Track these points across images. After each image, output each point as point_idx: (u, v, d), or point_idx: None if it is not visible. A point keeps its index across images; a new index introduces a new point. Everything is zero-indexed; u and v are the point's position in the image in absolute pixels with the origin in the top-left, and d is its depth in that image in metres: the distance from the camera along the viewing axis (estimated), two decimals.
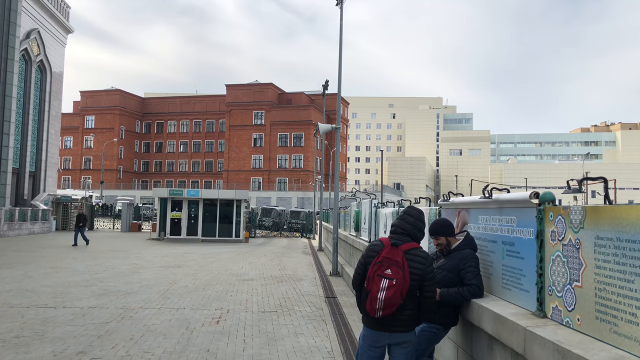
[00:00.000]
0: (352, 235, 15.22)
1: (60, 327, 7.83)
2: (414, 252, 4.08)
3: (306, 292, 11.86)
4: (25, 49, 37.23)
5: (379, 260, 4.05)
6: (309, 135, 79.23)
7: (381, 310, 3.94)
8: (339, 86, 17.09)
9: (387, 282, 3.93)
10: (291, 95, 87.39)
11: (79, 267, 15.62)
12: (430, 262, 4.12)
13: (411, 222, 4.24)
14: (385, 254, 4.06)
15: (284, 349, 6.97)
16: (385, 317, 3.98)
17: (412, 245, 4.11)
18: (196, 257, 19.54)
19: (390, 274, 3.96)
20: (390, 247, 4.09)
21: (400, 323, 4.04)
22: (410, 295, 4.02)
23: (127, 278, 13.42)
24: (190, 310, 9.38)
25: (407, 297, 3.99)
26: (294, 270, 16.39)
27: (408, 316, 4.04)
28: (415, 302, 4.07)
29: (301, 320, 8.84)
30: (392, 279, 3.93)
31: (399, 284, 3.91)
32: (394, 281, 3.92)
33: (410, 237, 4.17)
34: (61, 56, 43.78)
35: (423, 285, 4.06)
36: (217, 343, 7.20)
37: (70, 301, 9.96)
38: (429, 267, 4.06)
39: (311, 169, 78.53)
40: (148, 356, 6.49)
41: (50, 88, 41.33)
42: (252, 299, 10.75)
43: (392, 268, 3.97)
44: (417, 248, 4.12)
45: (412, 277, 3.98)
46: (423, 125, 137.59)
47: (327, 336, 7.73)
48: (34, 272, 14.04)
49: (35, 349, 6.64)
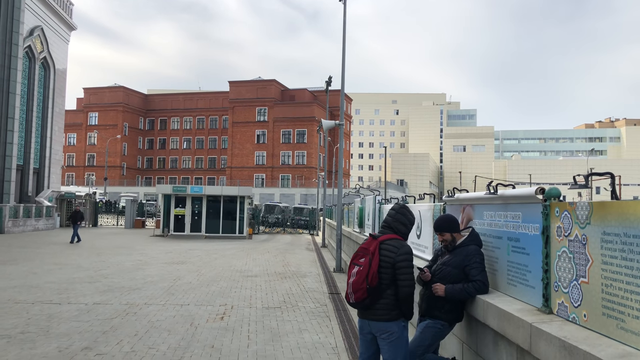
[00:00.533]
0: (356, 231, 15.22)
1: (65, 323, 7.85)
2: (388, 242, 4.35)
3: (310, 289, 11.86)
4: (29, 46, 37.27)
5: (357, 250, 4.44)
6: (312, 132, 79.16)
7: (352, 295, 4.30)
8: (342, 82, 17.06)
9: (356, 269, 4.30)
10: (294, 92, 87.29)
11: (83, 263, 15.67)
12: (403, 252, 4.29)
13: (392, 215, 4.53)
14: (364, 245, 4.43)
15: (288, 345, 6.97)
16: (361, 304, 4.29)
17: (390, 237, 4.38)
18: (200, 254, 19.58)
19: (361, 262, 4.30)
20: (371, 239, 4.41)
21: (377, 312, 4.27)
22: (385, 284, 4.26)
23: (131, 274, 13.45)
24: (194, 307, 9.40)
25: (381, 285, 4.25)
26: (297, 266, 16.40)
27: (385, 305, 4.24)
28: (393, 291, 4.27)
29: (305, 316, 8.84)
30: (360, 266, 4.28)
31: (364, 270, 4.23)
32: (361, 267, 4.27)
33: (392, 229, 4.44)
34: (64, 53, 43.83)
35: (396, 274, 4.25)
36: (221, 339, 7.21)
37: (75, 297, 10.00)
38: (400, 256, 4.25)
39: (314, 166, 78.48)
40: (153, 352, 6.50)
41: (54, 85, 41.39)
42: (256, 295, 10.77)
43: (365, 257, 4.29)
44: (393, 239, 4.36)
45: (381, 265, 4.24)
46: (427, 121, 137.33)
47: (332, 332, 7.73)
48: (38, 269, 14.09)
49: (41, 345, 6.67)
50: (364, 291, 4.21)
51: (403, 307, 4.29)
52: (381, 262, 4.25)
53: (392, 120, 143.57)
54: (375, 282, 4.20)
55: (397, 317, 4.27)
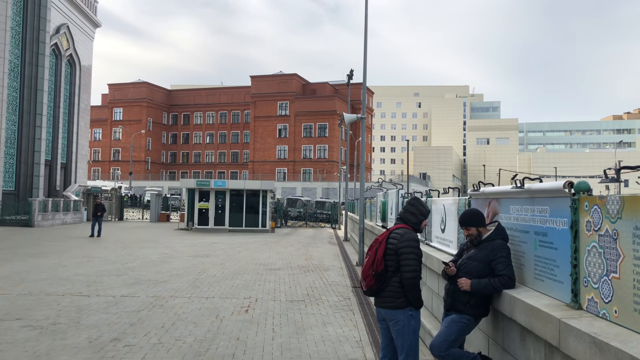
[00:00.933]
0: (379, 225, 15.20)
1: (95, 315, 8.03)
2: (396, 230, 4.55)
3: (333, 282, 11.90)
4: (55, 44, 37.98)
5: (372, 242, 4.66)
6: (334, 126, 79.06)
7: (363, 283, 4.54)
8: (364, 75, 16.97)
9: (366, 257, 4.55)
10: (315, 86, 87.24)
11: (110, 256, 15.98)
12: (406, 239, 4.45)
13: (404, 206, 4.78)
14: (378, 236, 4.65)
15: (312, 338, 7.02)
16: (371, 291, 4.51)
17: (399, 226, 4.58)
18: (224, 247, 19.78)
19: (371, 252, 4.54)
20: (385, 230, 4.66)
21: (385, 299, 4.47)
22: (391, 271, 4.45)
23: (157, 267, 13.67)
24: (219, 299, 9.52)
25: (387, 272, 4.45)
26: (320, 260, 16.46)
27: (391, 292, 4.43)
28: (399, 279, 4.43)
29: (329, 309, 8.88)
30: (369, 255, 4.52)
31: (371, 257, 4.48)
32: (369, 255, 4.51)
33: (403, 220, 4.64)
34: (89, 50, 44.56)
35: (399, 261, 4.41)
36: (246, 331, 7.29)
37: (103, 290, 10.21)
38: (402, 243, 4.42)
39: (336, 159, 78.44)
40: (179, 344, 6.61)
41: (80, 81, 42.14)
42: (279, 288, 10.85)
43: (376, 246, 4.53)
44: (400, 228, 4.56)
45: (387, 252, 4.45)
46: (449, 114, 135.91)
47: (355, 326, 7.76)
48: (67, 261, 14.42)
49: (71, 336, 6.84)
50: (371, 278, 4.43)
51: (408, 295, 4.42)
52: (386, 250, 4.46)
53: (414, 113, 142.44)
54: (380, 268, 4.40)
55: (403, 305, 4.42)
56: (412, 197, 4.85)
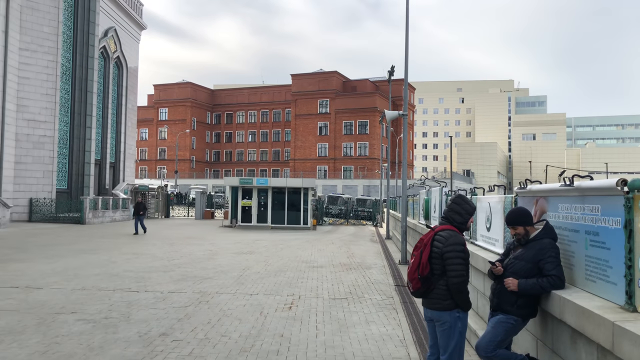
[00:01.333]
0: (422, 223, 15.05)
1: (144, 310, 8.29)
2: (440, 232, 4.49)
3: (376, 280, 11.87)
4: (104, 47, 39.30)
5: (417, 241, 4.63)
6: (375, 123, 78.67)
7: (410, 284, 4.56)
8: (406, 71, 16.79)
9: (412, 259, 4.56)
10: (356, 83, 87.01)
11: (157, 253, 16.44)
12: (451, 242, 4.38)
13: (448, 205, 4.70)
14: (423, 236, 4.62)
15: (355, 336, 7.03)
16: (418, 293, 4.54)
17: (444, 227, 4.52)
18: (267, 244, 20.03)
19: (416, 253, 4.53)
20: (430, 230, 4.61)
21: (432, 300, 4.47)
22: (437, 274, 4.43)
23: (203, 264, 13.98)
24: (263, 296, 9.65)
25: (433, 275, 4.43)
26: (362, 258, 16.44)
27: (437, 294, 4.42)
28: (445, 282, 4.41)
29: (372, 308, 8.87)
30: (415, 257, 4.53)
31: (416, 260, 4.47)
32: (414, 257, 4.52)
33: (447, 220, 4.58)
34: (136, 52, 45.89)
35: (444, 265, 4.38)
36: (290, 328, 7.37)
37: (152, 286, 10.52)
38: (447, 247, 4.36)
39: (377, 157, 78.01)
40: (225, 340, 6.75)
41: (127, 83, 43.48)
42: (322, 286, 10.90)
43: (421, 249, 4.51)
44: (446, 230, 4.49)
45: (432, 255, 4.42)
46: (493, 109, 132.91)
47: (399, 324, 7.72)
48: (117, 258, 14.92)
49: (122, 330, 7.08)
50: (417, 281, 4.45)
51: (455, 298, 4.39)
52: (432, 253, 4.44)
53: (457, 109, 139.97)
54: (426, 272, 4.39)
55: (450, 307, 4.40)
56: (456, 195, 4.76)
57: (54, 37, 32.20)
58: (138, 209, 23.90)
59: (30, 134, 31.07)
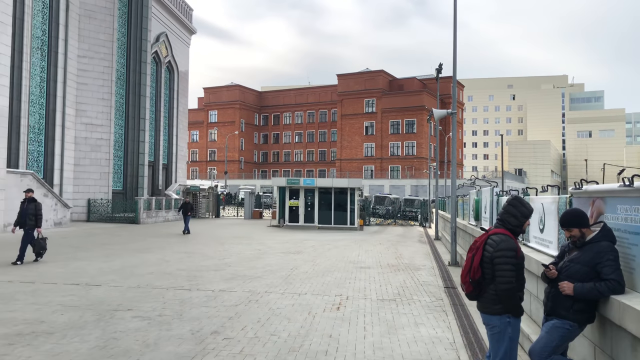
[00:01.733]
0: (472, 224, 14.75)
1: (196, 308, 8.51)
2: (493, 236, 4.44)
3: (424, 282, 11.73)
4: (156, 52, 40.59)
5: (472, 243, 4.63)
6: (422, 121, 77.70)
7: (463, 287, 4.57)
8: (454, 69, 16.51)
9: (465, 261, 4.56)
10: (402, 81, 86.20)
11: (208, 252, 16.84)
12: (501, 248, 4.32)
13: (504, 206, 4.60)
14: (476, 238, 4.63)
15: (404, 338, 6.98)
16: (470, 296, 4.55)
17: (497, 231, 4.46)
18: (314, 244, 20.14)
19: (469, 256, 4.51)
20: (484, 232, 4.59)
21: (483, 304, 4.47)
22: (488, 278, 4.41)
23: (252, 263, 14.21)
24: (311, 296, 9.72)
25: (485, 279, 4.42)
26: (410, 259, 16.28)
27: (488, 298, 4.40)
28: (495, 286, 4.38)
29: (421, 310, 8.78)
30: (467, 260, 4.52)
31: (468, 263, 4.48)
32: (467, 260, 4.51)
33: (502, 222, 4.51)
34: (186, 56, 47.15)
35: (494, 270, 4.35)
36: (338, 329, 7.39)
37: (203, 284, 10.79)
38: (497, 252, 4.31)
39: (425, 156, 77.01)
40: (274, 339, 6.85)
41: (178, 86, 44.74)
42: (370, 287, 10.88)
43: (473, 252, 4.50)
44: (498, 234, 4.43)
45: (483, 259, 4.40)
46: (546, 106, 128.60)
47: (449, 327, 7.61)
48: (170, 257, 15.38)
49: (176, 327, 7.30)
50: (469, 284, 4.47)
51: (504, 304, 4.34)
52: (483, 257, 4.41)
53: (508, 106, 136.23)
54: (477, 276, 4.40)
55: (500, 311, 4.35)
56: (513, 197, 4.67)
57: (110, 43, 33.51)
58: (185, 209, 24.50)
59: (88, 137, 32.45)
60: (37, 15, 29.15)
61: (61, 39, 30.23)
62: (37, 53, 29.15)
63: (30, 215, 13.29)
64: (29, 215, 13.28)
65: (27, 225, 13.27)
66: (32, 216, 13.31)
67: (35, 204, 13.48)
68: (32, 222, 13.30)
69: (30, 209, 13.33)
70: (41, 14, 29.45)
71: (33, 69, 28.76)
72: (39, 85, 29.27)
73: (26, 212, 13.31)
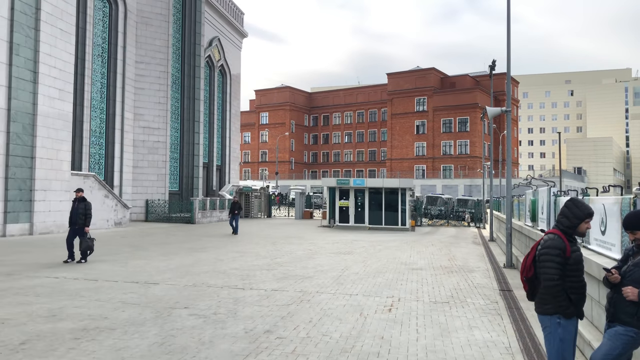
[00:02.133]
0: (528, 225, 14.32)
1: (249, 307, 8.68)
2: (545, 236, 4.53)
3: (479, 284, 11.48)
4: (209, 56, 41.65)
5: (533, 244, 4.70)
6: (475, 119, 75.94)
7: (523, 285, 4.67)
8: (508, 65, 16.05)
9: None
10: (454, 79, 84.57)
11: (261, 251, 17.11)
12: (545, 245, 4.38)
13: (561, 208, 4.63)
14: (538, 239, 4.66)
15: (458, 342, 6.86)
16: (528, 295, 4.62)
17: (550, 231, 4.53)
18: (365, 245, 20.09)
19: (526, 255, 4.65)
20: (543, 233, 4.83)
21: (536, 304, 4.52)
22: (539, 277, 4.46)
23: (303, 263, 14.33)
24: (362, 297, 9.71)
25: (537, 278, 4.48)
26: (464, 260, 15.97)
27: (539, 298, 4.45)
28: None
29: (475, 312, 8.60)
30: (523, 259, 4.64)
31: (523, 262, 4.58)
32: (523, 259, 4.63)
33: (557, 223, 4.53)
34: (238, 59, 48.11)
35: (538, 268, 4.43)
36: (390, 331, 7.35)
37: (256, 283, 10.98)
38: (542, 250, 4.39)
39: (478, 155, 75.27)
40: (326, 339, 6.88)
41: (230, 89, 45.72)
42: (422, 289, 10.75)
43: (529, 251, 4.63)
44: (549, 233, 4.50)
45: (534, 259, 4.48)
46: (608, 101, 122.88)
47: (504, 331, 7.42)
48: (224, 256, 15.74)
49: (230, 326, 7.47)
50: (524, 283, 4.58)
51: (552, 303, 4.36)
52: (535, 256, 4.51)
53: (566, 102, 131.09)
54: (530, 274, 4.50)
55: (549, 311, 4.36)
56: (570, 199, 4.66)
57: (165, 49, 34.64)
58: (233, 208, 24.63)
59: (145, 140, 33.67)
60: (98, 24, 30.53)
61: (120, 46, 31.53)
62: (98, 60, 30.53)
63: (81, 214, 13.61)
64: (79, 215, 13.59)
65: (77, 224, 13.59)
66: (82, 215, 13.61)
67: (85, 204, 13.77)
68: (81, 221, 13.60)
69: (80, 208, 13.63)
70: (101, 23, 30.82)
71: (94, 76, 30.14)
72: (99, 91, 30.65)
73: (76, 211, 13.62)
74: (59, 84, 23.62)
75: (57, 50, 23.52)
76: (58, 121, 23.51)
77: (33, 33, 22.26)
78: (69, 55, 24.42)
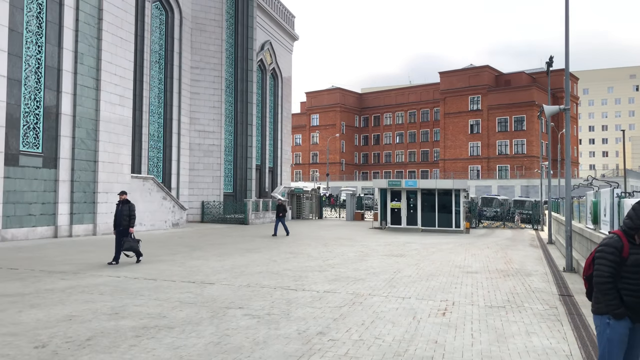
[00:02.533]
0: (589, 228, 13.73)
1: (302, 308, 8.75)
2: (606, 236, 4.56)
3: (536, 289, 11.11)
4: (261, 60, 42.33)
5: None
6: (532, 118, 73.48)
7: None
8: (567, 61, 15.45)
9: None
10: (509, 76, 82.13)
11: (312, 253, 17.23)
12: (604, 243, 4.35)
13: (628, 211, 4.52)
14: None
15: (515, 348, 6.67)
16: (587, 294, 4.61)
17: (613, 232, 4.46)
18: (417, 247, 19.84)
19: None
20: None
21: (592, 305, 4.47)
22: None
23: (355, 265, 14.32)
24: (415, 300, 9.60)
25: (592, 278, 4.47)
26: (521, 264, 15.49)
27: (594, 297, 4.43)
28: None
29: (532, 318, 8.33)
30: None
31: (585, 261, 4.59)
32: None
33: (622, 224, 4.45)
34: (289, 62, 48.62)
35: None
36: (444, 335, 7.23)
37: (308, 285, 11.06)
38: (599, 247, 4.38)
39: (536, 154, 72.79)
40: (379, 342, 6.85)
41: (282, 92, 46.29)
42: (477, 293, 10.51)
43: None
44: (611, 233, 4.46)
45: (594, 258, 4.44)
46: None
47: (564, 338, 7.15)
48: (277, 257, 15.94)
49: (283, 326, 7.56)
50: (585, 281, 4.57)
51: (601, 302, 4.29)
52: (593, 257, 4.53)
53: (631, 98, 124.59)
54: (588, 273, 4.51)
55: (599, 311, 4.34)
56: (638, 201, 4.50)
57: (219, 54, 35.49)
58: (279, 210, 24.61)
59: (201, 144, 34.61)
60: (155, 32, 31.65)
61: (176, 52, 32.57)
62: (155, 66, 31.65)
63: (125, 216, 14.01)
64: (123, 216, 13.99)
65: (122, 225, 13.98)
66: (126, 217, 14.01)
67: (129, 205, 14.18)
68: (126, 222, 13.99)
69: (124, 210, 14.04)
70: (158, 30, 31.93)
71: (152, 81, 31.27)
72: (157, 96, 31.77)
73: (121, 213, 14.03)
74: (120, 90, 24.65)
75: (118, 58, 24.55)
76: (119, 126, 24.54)
77: (95, 42, 23.35)
78: (128, 62, 25.44)
